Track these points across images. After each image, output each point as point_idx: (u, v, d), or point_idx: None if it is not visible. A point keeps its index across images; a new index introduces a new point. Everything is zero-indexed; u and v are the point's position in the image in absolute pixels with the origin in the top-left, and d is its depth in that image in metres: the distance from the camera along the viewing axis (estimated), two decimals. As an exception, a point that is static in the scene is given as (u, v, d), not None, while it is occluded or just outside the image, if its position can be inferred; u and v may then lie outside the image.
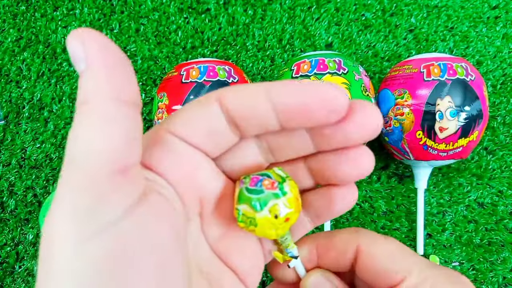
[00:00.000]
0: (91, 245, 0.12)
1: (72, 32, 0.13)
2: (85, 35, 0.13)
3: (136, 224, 0.13)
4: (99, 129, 0.12)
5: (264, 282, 0.37)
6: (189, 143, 0.16)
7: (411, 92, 0.33)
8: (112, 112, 0.13)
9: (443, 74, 0.33)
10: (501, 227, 0.39)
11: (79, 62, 0.13)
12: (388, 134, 0.35)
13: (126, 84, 0.13)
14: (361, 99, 0.16)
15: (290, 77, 0.34)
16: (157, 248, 0.14)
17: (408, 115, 0.33)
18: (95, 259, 0.12)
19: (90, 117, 0.13)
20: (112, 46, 0.13)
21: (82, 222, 0.12)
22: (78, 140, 0.13)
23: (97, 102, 0.13)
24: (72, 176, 0.13)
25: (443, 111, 0.32)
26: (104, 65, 0.13)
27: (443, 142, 0.33)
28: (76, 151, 0.13)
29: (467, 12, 0.44)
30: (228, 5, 0.44)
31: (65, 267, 0.12)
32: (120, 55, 0.13)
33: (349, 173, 0.17)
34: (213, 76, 0.33)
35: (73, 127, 0.13)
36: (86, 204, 0.12)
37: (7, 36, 0.43)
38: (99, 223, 0.12)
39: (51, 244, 0.13)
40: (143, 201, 0.14)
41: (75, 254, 0.12)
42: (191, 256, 0.17)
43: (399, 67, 0.36)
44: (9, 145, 0.41)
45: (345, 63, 0.34)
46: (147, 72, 0.42)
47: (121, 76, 0.13)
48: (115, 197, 0.13)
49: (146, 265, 0.13)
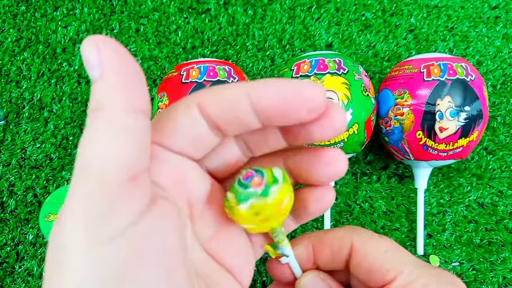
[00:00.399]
0: (104, 251, 0.12)
1: (87, 38, 0.13)
2: (99, 42, 0.13)
3: (147, 229, 0.13)
4: (114, 137, 0.13)
5: (264, 282, 0.37)
6: (174, 151, 0.16)
7: (411, 92, 0.33)
8: (127, 122, 0.13)
9: (443, 74, 0.33)
10: (501, 227, 0.39)
11: (93, 69, 0.13)
12: (388, 134, 0.35)
13: (140, 93, 0.14)
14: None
15: (290, 77, 0.34)
16: (167, 252, 0.14)
17: (408, 115, 0.33)
18: (108, 265, 0.12)
19: (105, 125, 0.13)
20: (126, 53, 0.13)
21: (94, 228, 0.12)
22: (92, 148, 0.13)
23: (113, 111, 0.13)
24: (84, 183, 0.13)
25: (443, 111, 0.32)
26: (119, 73, 0.13)
27: (443, 142, 0.33)
28: (90, 158, 0.13)
29: (467, 12, 0.44)
30: (228, 5, 0.44)
31: (78, 275, 0.12)
32: (133, 62, 0.13)
33: (322, 174, 0.17)
34: (213, 76, 0.33)
35: (86, 134, 0.13)
36: (99, 211, 0.12)
37: (7, 36, 0.43)
38: (112, 229, 0.13)
39: (62, 251, 0.13)
40: (152, 207, 0.14)
41: (88, 261, 0.12)
42: (188, 259, 0.17)
43: (399, 67, 0.36)
44: (9, 145, 0.41)
45: (345, 63, 0.34)
46: (147, 72, 0.42)
47: (135, 84, 0.13)
48: (127, 203, 0.13)
49: (156, 269, 0.13)
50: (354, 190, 0.40)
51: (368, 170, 0.40)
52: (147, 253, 0.13)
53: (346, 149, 0.34)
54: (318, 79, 0.33)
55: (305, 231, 0.38)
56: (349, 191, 0.40)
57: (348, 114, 0.32)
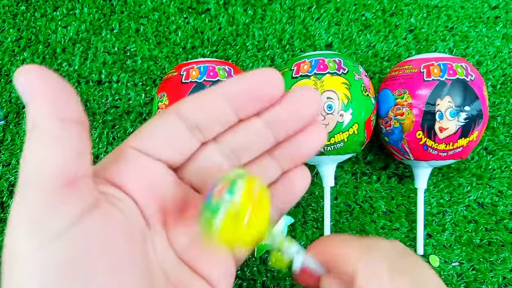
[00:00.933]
0: (46, 253, 0.13)
1: (17, 70, 0.14)
2: (27, 70, 0.14)
3: (87, 230, 0.14)
4: (46, 146, 0.14)
5: (264, 282, 0.37)
6: (149, 155, 0.17)
7: (411, 92, 0.33)
8: (57, 130, 0.14)
9: (443, 74, 0.33)
10: (501, 227, 0.39)
11: (25, 94, 0.14)
12: (388, 134, 0.35)
13: (69, 105, 0.15)
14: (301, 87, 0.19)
15: (290, 77, 0.34)
16: (112, 253, 0.15)
17: (408, 115, 0.33)
18: (51, 265, 0.13)
19: (38, 137, 0.14)
20: (52, 75, 0.15)
21: (36, 232, 0.13)
22: (29, 159, 0.14)
23: (44, 124, 0.14)
24: (25, 191, 0.14)
25: (443, 111, 0.32)
26: (46, 92, 0.14)
27: (443, 142, 0.33)
28: (28, 169, 0.14)
29: (467, 12, 0.44)
30: (228, 5, 0.44)
31: (25, 277, 0.13)
32: (60, 81, 0.15)
33: (308, 146, 0.19)
34: (213, 76, 0.33)
35: (24, 150, 0.14)
36: (38, 216, 0.13)
37: (7, 36, 0.43)
38: (50, 232, 0.13)
39: (12, 255, 0.14)
40: (94, 211, 0.15)
41: (33, 263, 0.13)
42: (155, 263, 0.17)
43: (399, 67, 0.36)
44: (9, 145, 0.41)
45: (345, 63, 0.33)
46: (147, 72, 0.42)
47: (63, 99, 0.14)
48: (64, 208, 0.14)
49: (100, 268, 0.14)
50: (354, 190, 0.40)
51: (368, 170, 0.40)
52: (89, 253, 0.14)
53: (346, 149, 0.34)
54: (318, 79, 0.33)
55: (305, 231, 0.38)
56: (349, 191, 0.40)
57: (348, 114, 0.32)
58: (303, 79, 0.33)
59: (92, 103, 0.41)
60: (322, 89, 0.32)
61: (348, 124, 0.33)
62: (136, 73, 0.42)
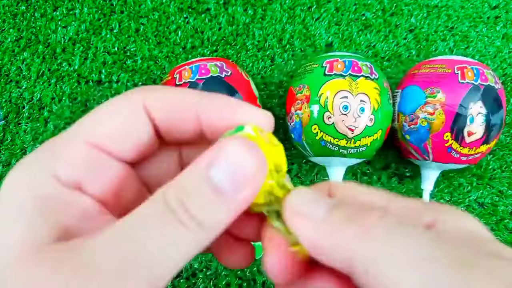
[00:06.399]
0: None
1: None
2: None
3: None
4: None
5: (264, 282, 0.37)
6: (107, 151, 0.16)
7: (445, 92, 0.33)
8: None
9: (477, 79, 0.33)
10: (501, 227, 0.39)
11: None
12: (411, 132, 0.34)
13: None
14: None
15: (323, 74, 0.33)
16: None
17: (439, 115, 0.33)
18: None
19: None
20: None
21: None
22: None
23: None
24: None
25: (474, 115, 0.32)
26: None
27: (467, 147, 0.33)
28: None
29: (467, 12, 0.44)
30: (228, 5, 0.44)
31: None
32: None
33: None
34: (205, 73, 0.33)
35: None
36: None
37: (7, 36, 0.43)
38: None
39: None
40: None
41: None
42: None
43: (429, 65, 0.35)
44: (9, 145, 0.41)
45: (375, 69, 0.34)
46: (147, 72, 0.42)
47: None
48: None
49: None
50: (354, 190, 0.40)
51: (368, 170, 0.40)
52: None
53: (365, 154, 0.34)
54: (353, 80, 0.32)
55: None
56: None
57: (376, 119, 0.32)
58: (338, 78, 0.33)
59: (92, 103, 0.41)
60: (357, 91, 0.32)
61: (375, 129, 0.33)
62: (136, 73, 0.42)
